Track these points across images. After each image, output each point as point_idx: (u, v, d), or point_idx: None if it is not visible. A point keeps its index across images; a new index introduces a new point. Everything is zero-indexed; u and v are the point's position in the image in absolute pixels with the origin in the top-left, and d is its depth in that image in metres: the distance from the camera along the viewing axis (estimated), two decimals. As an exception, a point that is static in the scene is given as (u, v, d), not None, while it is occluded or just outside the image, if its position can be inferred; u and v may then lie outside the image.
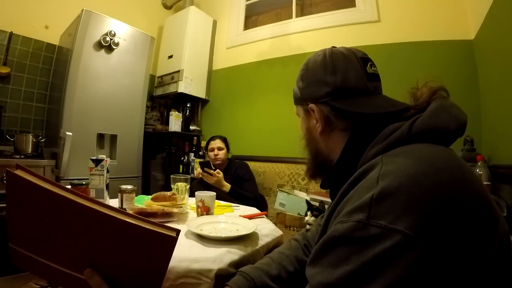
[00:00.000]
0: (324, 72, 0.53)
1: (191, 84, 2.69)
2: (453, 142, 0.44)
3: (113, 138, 2.17)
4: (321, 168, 0.57)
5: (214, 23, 2.97)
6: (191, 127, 2.78)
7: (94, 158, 1.03)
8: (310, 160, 0.59)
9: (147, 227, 0.40)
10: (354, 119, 0.50)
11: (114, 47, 2.07)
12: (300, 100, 0.57)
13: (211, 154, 2.02)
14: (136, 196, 1.16)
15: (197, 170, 2.01)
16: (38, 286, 1.51)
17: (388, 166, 0.38)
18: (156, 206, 1.02)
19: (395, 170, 0.36)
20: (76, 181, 0.86)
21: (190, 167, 2.58)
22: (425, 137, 0.42)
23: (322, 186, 0.57)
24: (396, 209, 0.32)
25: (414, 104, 0.48)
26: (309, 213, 1.32)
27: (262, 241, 0.86)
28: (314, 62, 0.56)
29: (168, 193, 1.10)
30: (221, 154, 1.99)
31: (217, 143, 2.02)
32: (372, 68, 0.54)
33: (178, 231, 0.41)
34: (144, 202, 1.09)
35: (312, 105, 0.54)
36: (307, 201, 1.43)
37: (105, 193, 1.04)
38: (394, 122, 0.46)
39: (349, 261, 0.33)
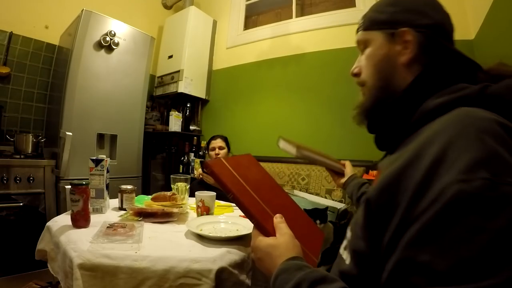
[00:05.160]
0: (425, 5, 0.52)
1: (191, 84, 2.69)
2: None
3: (113, 138, 2.17)
4: (380, 105, 0.53)
5: (214, 23, 2.96)
6: (191, 127, 2.78)
7: (94, 158, 1.03)
8: (372, 93, 0.55)
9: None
10: (438, 59, 0.49)
11: (114, 47, 2.07)
12: (386, 23, 0.54)
13: (212, 153, 2.02)
14: (136, 196, 1.17)
15: (198, 171, 2.01)
16: (38, 286, 1.51)
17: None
18: (156, 206, 1.02)
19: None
20: (76, 181, 0.86)
21: (190, 167, 2.57)
22: (499, 104, 0.38)
23: (371, 127, 0.57)
24: None
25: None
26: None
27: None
28: None
29: (168, 193, 1.10)
30: (222, 153, 1.99)
31: (218, 142, 2.02)
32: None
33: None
34: (144, 202, 1.09)
35: (407, 29, 0.50)
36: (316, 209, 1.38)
37: (105, 193, 1.04)
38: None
39: (486, 230, 0.27)
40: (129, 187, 1.13)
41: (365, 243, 0.40)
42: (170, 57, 2.75)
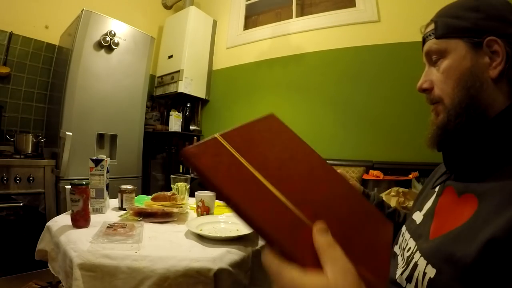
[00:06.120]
0: (509, 12, 0.47)
1: (191, 84, 2.69)
2: None
3: (113, 138, 2.17)
4: (467, 125, 0.46)
5: (214, 23, 2.97)
6: (191, 127, 2.78)
7: (94, 158, 1.03)
8: (456, 111, 0.47)
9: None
10: None
11: (114, 47, 2.07)
12: (469, 30, 0.47)
13: None
14: (136, 196, 1.17)
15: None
16: (38, 286, 1.51)
17: None
18: (156, 206, 1.02)
19: None
20: (76, 181, 0.86)
21: (190, 167, 2.57)
22: None
23: (452, 150, 0.49)
24: None
25: None
26: None
27: (262, 241, 0.86)
28: (494, 2, 0.48)
29: (168, 193, 1.10)
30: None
31: None
32: None
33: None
34: (144, 202, 1.09)
35: (495, 38, 0.45)
36: None
37: (105, 193, 1.04)
38: None
39: None
40: (129, 187, 1.13)
41: (461, 284, 0.35)
42: (170, 57, 2.75)
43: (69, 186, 0.88)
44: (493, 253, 0.33)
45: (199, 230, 0.84)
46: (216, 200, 1.16)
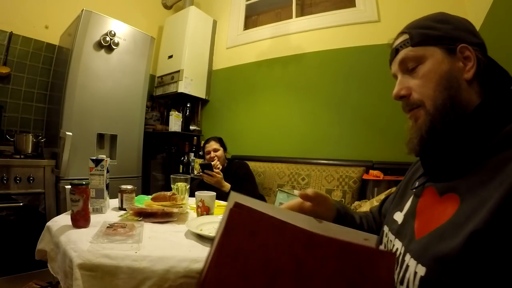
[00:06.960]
0: (471, 27, 0.53)
1: (191, 84, 2.70)
2: None
3: (113, 138, 2.17)
4: (449, 126, 0.48)
5: (214, 23, 2.97)
6: (191, 127, 2.78)
7: (94, 158, 1.03)
8: (438, 112, 0.50)
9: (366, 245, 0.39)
10: (497, 78, 0.49)
11: (114, 47, 2.07)
12: (443, 38, 0.51)
13: (207, 157, 2.01)
14: (136, 196, 1.17)
15: (198, 170, 2.00)
16: (38, 286, 1.51)
17: None
18: (156, 206, 1.02)
19: None
20: (76, 181, 0.86)
21: (190, 167, 2.58)
22: None
23: (433, 150, 0.50)
24: None
25: None
26: None
27: None
28: (458, 17, 0.55)
29: (168, 193, 1.10)
30: (218, 155, 1.99)
31: (212, 145, 2.01)
32: None
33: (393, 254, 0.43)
34: (144, 202, 1.09)
35: (466, 45, 0.50)
36: None
37: (105, 193, 1.04)
38: None
39: None
40: (129, 187, 1.13)
41: (451, 278, 0.37)
42: (170, 57, 2.75)
43: (69, 186, 0.88)
44: (476, 244, 0.35)
45: (199, 230, 0.84)
46: (216, 200, 1.16)
